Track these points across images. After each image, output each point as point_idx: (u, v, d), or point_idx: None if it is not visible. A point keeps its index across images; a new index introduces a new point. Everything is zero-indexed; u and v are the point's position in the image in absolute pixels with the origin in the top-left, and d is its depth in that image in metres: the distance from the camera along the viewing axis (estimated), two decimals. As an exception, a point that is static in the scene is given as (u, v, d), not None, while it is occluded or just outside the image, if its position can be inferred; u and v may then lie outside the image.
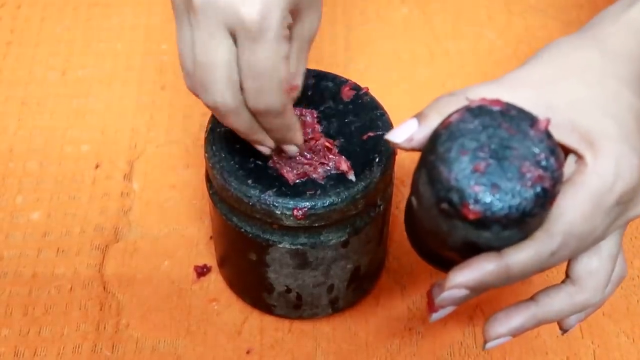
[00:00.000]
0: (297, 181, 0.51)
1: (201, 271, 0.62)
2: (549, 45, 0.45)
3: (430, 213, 0.40)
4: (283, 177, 0.51)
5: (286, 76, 0.45)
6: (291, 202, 0.50)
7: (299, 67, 0.48)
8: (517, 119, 0.39)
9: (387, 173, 0.53)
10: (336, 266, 0.54)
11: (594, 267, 0.42)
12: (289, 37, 0.45)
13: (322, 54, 0.76)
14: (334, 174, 0.52)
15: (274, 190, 0.50)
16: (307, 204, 0.50)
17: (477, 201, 0.37)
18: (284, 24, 0.44)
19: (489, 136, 0.38)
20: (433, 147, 0.39)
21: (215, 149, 0.52)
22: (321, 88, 0.56)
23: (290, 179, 0.51)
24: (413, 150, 0.42)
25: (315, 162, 0.51)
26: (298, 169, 0.51)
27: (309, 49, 0.49)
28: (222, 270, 0.61)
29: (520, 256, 0.40)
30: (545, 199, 0.38)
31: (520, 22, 0.79)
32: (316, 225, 0.51)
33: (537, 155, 0.38)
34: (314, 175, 0.51)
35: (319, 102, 0.55)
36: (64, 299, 0.60)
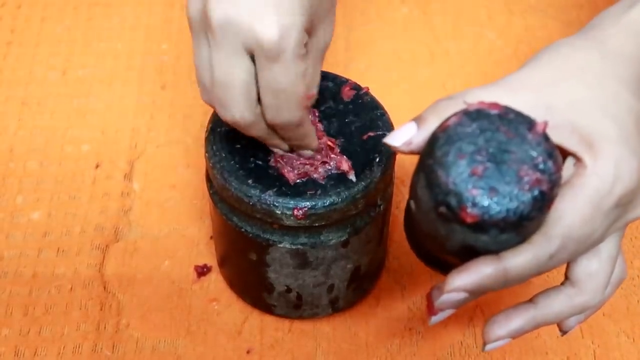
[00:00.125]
0: (297, 181, 0.51)
1: (201, 271, 0.62)
2: (548, 47, 0.44)
3: (429, 217, 0.40)
4: (283, 177, 0.51)
5: (304, 92, 0.46)
6: (291, 202, 0.50)
7: (314, 77, 0.48)
8: (515, 122, 0.39)
9: (387, 173, 0.53)
10: (336, 266, 0.54)
11: (594, 269, 0.42)
12: (305, 54, 0.45)
13: (323, 54, 0.76)
14: (334, 173, 0.52)
15: (274, 190, 0.50)
16: (308, 203, 0.50)
17: (475, 205, 0.37)
18: (302, 43, 0.44)
19: (486, 140, 0.38)
20: (431, 150, 0.39)
21: (215, 148, 0.52)
22: (321, 88, 0.55)
23: (291, 178, 0.51)
24: (412, 153, 0.42)
25: (316, 161, 0.52)
26: (299, 169, 0.51)
27: (323, 57, 0.49)
28: (222, 270, 0.61)
29: (519, 260, 0.40)
30: (543, 203, 0.38)
31: (521, 22, 0.79)
32: (316, 225, 0.51)
33: (535, 159, 0.38)
34: (314, 175, 0.51)
35: (320, 102, 0.55)
36: (64, 298, 0.60)
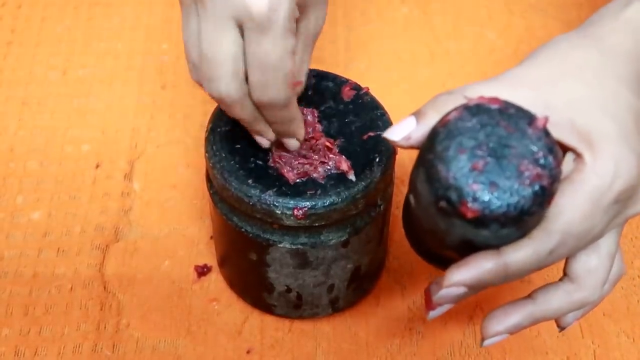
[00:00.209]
0: (297, 181, 0.51)
1: (201, 271, 0.62)
2: (547, 43, 0.45)
3: (428, 211, 0.40)
4: (283, 177, 0.51)
5: (292, 70, 0.45)
6: (291, 202, 0.50)
7: (303, 63, 0.48)
8: (515, 117, 0.39)
9: (387, 173, 0.53)
10: (336, 266, 0.54)
11: (593, 265, 0.43)
12: (295, 31, 0.45)
13: (323, 54, 0.76)
14: (334, 173, 0.52)
15: (275, 190, 0.50)
16: (308, 203, 0.50)
17: (475, 199, 0.37)
18: (292, 18, 0.44)
19: (487, 134, 0.38)
20: (431, 145, 0.39)
21: (215, 148, 0.52)
22: (322, 88, 0.56)
23: (291, 178, 0.51)
24: (411, 148, 0.42)
25: (315, 161, 0.52)
26: (298, 169, 0.51)
27: (313, 46, 0.49)
28: (222, 270, 0.61)
29: (519, 255, 0.40)
30: (543, 198, 0.38)
31: (521, 22, 0.79)
32: (316, 225, 0.51)
33: (535, 154, 0.38)
34: (314, 175, 0.51)
35: (320, 102, 0.55)
36: (64, 298, 0.60)
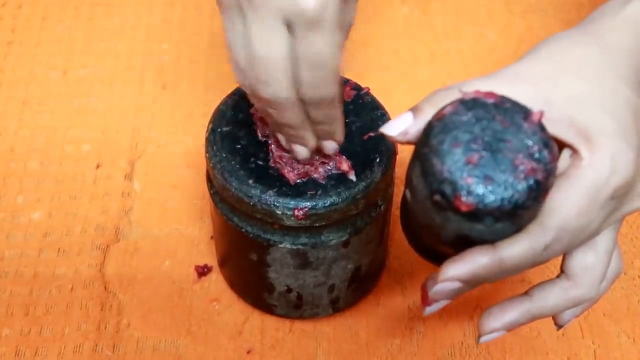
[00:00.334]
0: (297, 181, 0.51)
1: (202, 271, 0.62)
2: (547, 40, 0.45)
3: (424, 206, 0.40)
4: (284, 177, 0.51)
5: (341, 65, 0.45)
6: (292, 202, 0.50)
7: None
8: (511, 111, 0.39)
9: (387, 173, 0.53)
10: (337, 266, 0.54)
11: (590, 263, 0.42)
12: (342, 25, 0.45)
13: (323, 53, 0.76)
14: (334, 173, 0.52)
15: (275, 190, 0.50)
16: (308, 203, 0.50)
17: (469, 193, 0.37)
18: (339, 12, 0.44)
19: (482, 128, 0.38)
20: (426, 139, 0.39)
21: (216, 148, 0.52)
22: (322, 88, 0.56)
23: (291, 178, 0.51)
24: (409, 143, 0.42)
25: (316, 161, 0.52)
26: (299, 169, 0.51)
27: (346, 38, 0.48)
28: (222, 270, 0.61)
29: (514, 249, 0.40)
30: (538, 192, 0.38)
31: (521, 21, 0.79)
32: (317, 225, 0.51)
33: (530, 148, 0.38)
34: (314, 175, 0.51)
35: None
36: (64, 298, 0.60)
